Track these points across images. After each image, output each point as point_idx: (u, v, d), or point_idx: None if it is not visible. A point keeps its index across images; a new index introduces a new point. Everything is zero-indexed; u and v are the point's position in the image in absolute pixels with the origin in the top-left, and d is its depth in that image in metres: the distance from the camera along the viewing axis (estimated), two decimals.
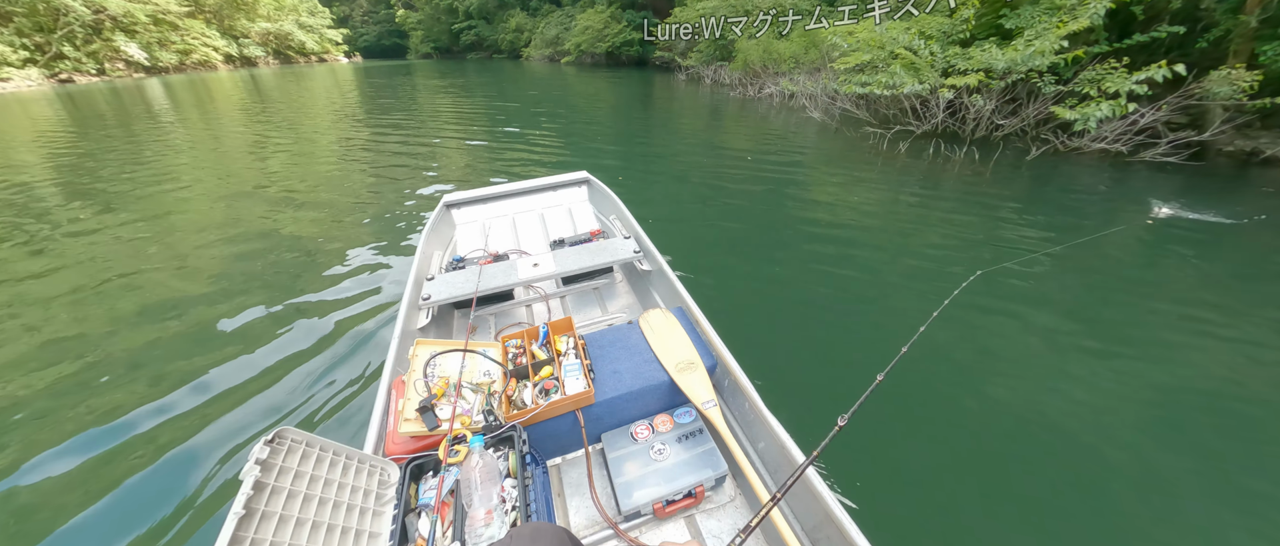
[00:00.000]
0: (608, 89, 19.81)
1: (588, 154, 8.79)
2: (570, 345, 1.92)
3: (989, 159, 7.63)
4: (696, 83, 20.58)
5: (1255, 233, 4.85)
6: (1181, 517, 2.18)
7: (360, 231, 5.14)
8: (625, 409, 1.91)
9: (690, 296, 2.28)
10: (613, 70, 28.30)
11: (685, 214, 5.93)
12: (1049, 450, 2.54)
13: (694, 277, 4.16)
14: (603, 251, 2.63)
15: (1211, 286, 3.98)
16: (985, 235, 5.06)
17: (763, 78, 15.51)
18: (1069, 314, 3.64)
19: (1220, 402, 2.80)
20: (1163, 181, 6.76)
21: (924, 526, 2.14)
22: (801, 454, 1.60)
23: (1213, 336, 3.37)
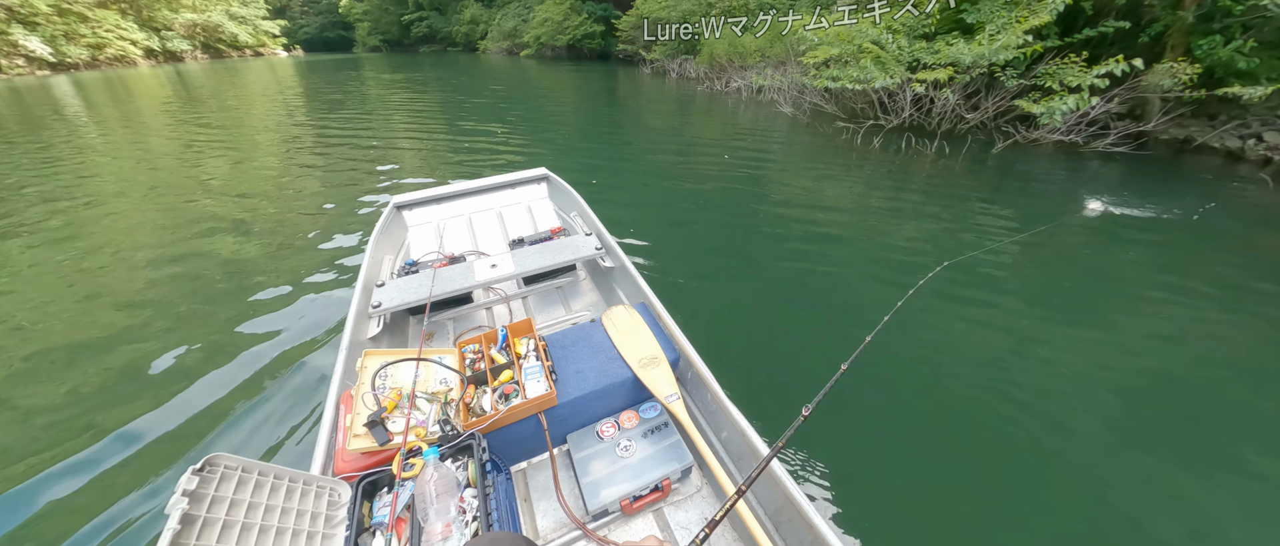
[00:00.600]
0: (572, 83, 19.46)
1: (555, 150, 8.63)
2: (531, 347, 1.89)
3: (958, 152, 7.99)
4: (662, 76, 20.46)
5: (1180, 225, 5.30)
6: (1127, 476, 2.40)
7: (309, 239, 4.87)
8: (590, 408, 1.90)
9: (652, 292, 2.29)
10: (575, 63, 27.85)
11: (655, 208, 5.94)
12: (1009, 430, 2.71)
13: (662, 271, 4.19)
14: (564, 249, 2.60)
15: (1146, 273, 4.36)
16: (954, 226, 5.32)
17: (729, 71, 15.56)
18: (1029, 300, 3.91)
19: (1157, 374, 3.11)
20: (1111, 170, 7.34)
21: (886, 511, 2.25)
22: (763, 443, 1.64)
23: (1154, 317, 3.71)
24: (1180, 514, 2.24)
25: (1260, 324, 3.65)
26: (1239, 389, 3.01)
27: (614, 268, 2.63)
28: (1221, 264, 4.50)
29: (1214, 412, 2.83)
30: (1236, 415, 2.81)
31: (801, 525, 1.47)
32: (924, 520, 2.23)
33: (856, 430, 2.67)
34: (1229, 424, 2.75)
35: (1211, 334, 3.52)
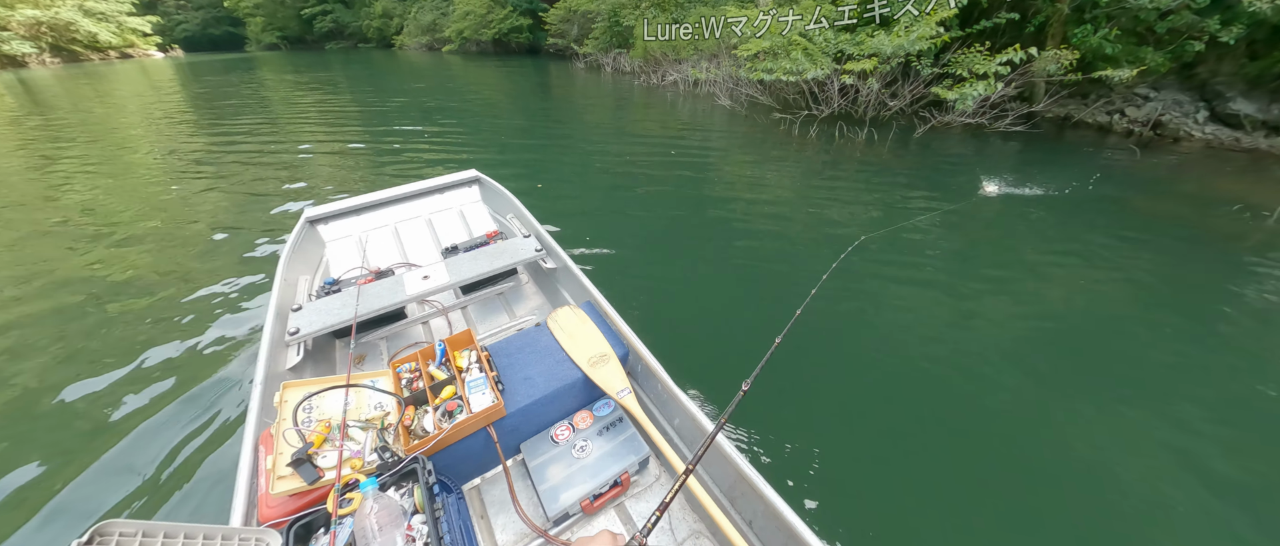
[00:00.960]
0: (502, 79, 18.68)
1: (491, 151, 8.26)
2: (472, 359, 1.82)
3: (885, 137, 8.60)
4: (596, 71, 20.16)
5: (1069, 197, 6.04)
6: (1035, 413, 2.79)
7: (209, 265, 4.36)
8: (542, 413, 1.87)
9: (597, 289, 2.28)
10: (503, 59, 26.74)
11: (602, 204, 5.91)
12: (933, 378, 3.04)
13: (612, 266, 4.20)
14: (502, 254, 2.52)
15: (1043, 240, 4.94)
16: (882, 204, 5.77)
17: (664, 65, 15.59)
18: (946, 266, 4.34)
19: (1055, 322, 3.60)
20: (1010, 146, 8.26)
21: (829, 469, 2.42)
22: (711, 423, 1.70)
23: (1050, 276, 4.25)
24: (1077, 436, 2.63)
25: (1138, 273, 4.32)
26: (1120, 328, 3.57)
27: (556, 268, 2.59)
28: (1103, 228, 5.21)
29: (1103, 351, 3.34)
30: (1121, 352, 3.33)
31: (753, 496, 1.55)
32: (863, 470, 2.45)
33: (799, 397, 2.85)
34: (1114, 359, 3.25)
35: (1096, 287, 4.10)
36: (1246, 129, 7.77)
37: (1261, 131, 7.66)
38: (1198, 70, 8.17)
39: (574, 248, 4.49)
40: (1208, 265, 4.48)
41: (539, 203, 5.48)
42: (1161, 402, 2.87)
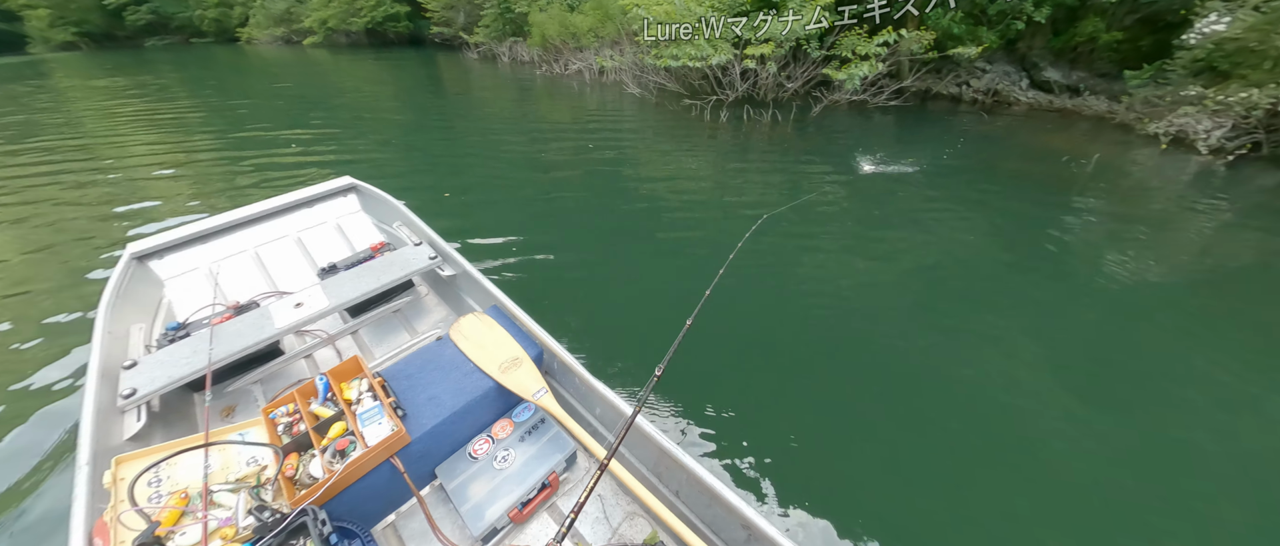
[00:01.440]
0: (385, 74, 16.74)
1: (383, 155, 7.39)
2: (363, 388, 1.65)
3: (788, 119, 9.09)
4: (491, 61, 18.83)
5: (936, 163, 6.86)
6: (919, 342, 3.25)
7: (8, 324, 3.48)
8: (454, 431, 1.76)
9: (501, 292, 2.18)
10: (381, 51, 23.83)
11: (515, 202, 5.62)
12: (835, 325, 3.42)
13: (528, 266, 4.06)
14: (391, 267, 2.30)
15: (917, 203, 5.59)
16: (787, 182, 6.14)
17: (565, 53, 15.00)
18: (840, 232, 4.80)
19: (931, 270, 4.16)
20: (888, 119, 9.18)
21: (748, 424, 2.59)
22: (629, 407, 1.72)
23: (926, 230, 4.87)
24: (955, 360, 3.11)
25: (994, 221, 5.12)
26: (982, 270, 4.26)
27: (456, 275, 2.43)
28: (966, 185, 6.06)
29: (969, 287, 3.96)
30: (983, 289, 3.97)
31: (677, 468, 1.60)
32: (777, 416, 2.68)
33: (717, 367, 3.03)
34: (978, 295, 3.88)
35: (962, 236, 4.81)
36: (1056, 92, 9.55)
37: (1066, 94, 9.46)
38: (1019, 45, 9.83)
39: (489, 251, 4.27)
40: (1046, 207, 5.45)
41: (447, 211, 5.10)
42: (1013, 323, 3.50)
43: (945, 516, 2.25)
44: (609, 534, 1.73)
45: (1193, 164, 6.82)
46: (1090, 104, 9.12)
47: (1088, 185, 6.05)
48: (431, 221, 2.77)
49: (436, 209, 5.10)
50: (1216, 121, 7.05)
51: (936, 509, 2.29)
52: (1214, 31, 6.96)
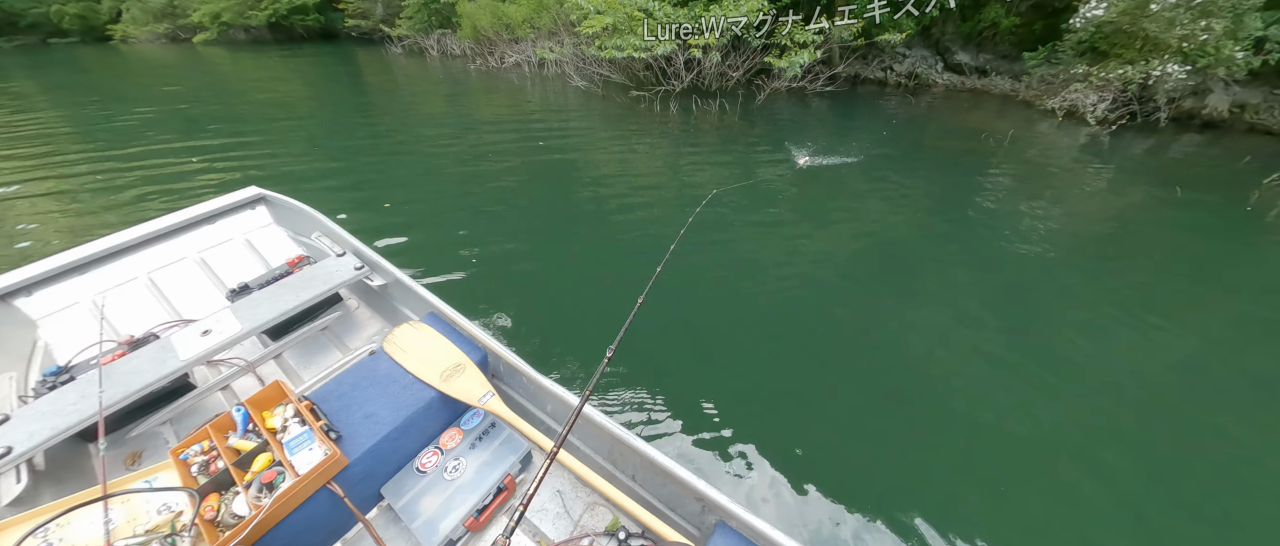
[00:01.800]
0: (295, 73, 15.09)
1: (302, 165, 6.68)
2: (288, 414, 1.54)
3: (734, 107, 9.25)
4: (418, 56, 17.55)
5: (865, 163, 7.13)
6: (857, 305, 3.56)
7: None
8: (397, 448, 1.69)
9: (438, 298, 2.10)
10: (289, 47, 21.42)
11: (459, 206, 5.35)
12: (779, 296, 3.60)
13: (472, 269, 3.94)
14: (313, 281, 2.14)
15: (857, 182, 5.92)
16: (737, 166, 6.29)
17: (499, 46, 14.21)
18: (782, 213, 4.99)
19: (870, 240, 4.49)
20: (824, 104, 9.59)
21: (700, 403, 2.68)
22: (578, 399, 1.73)
23: (863, 205, 5.22)
24: (891, 320, 3.40)
25: (923, 195, 5.54)
26: (916, 241, 4.61)
27: (387, 284, 2.31)
28: (898, 164, 6.46)
29: (903, 259, 4.28)
30: (914, 258, 4.30)
31: (629, 453, 1.64)
32: (727, 385, 2.82)
33: (666, 347, 3.12)
34: (910, 264, 4.20)
35: (896, 209, 5.17)
36: (966, 74, 10.47)
37: (975, 75, 10.41)
38: (933, 31, 10.59)
39: (433, 257, 4.08)
40: (969, 180, 6.00)
41: (388, 220, 4.78)
42: (938, 286, 3.86)
43: (885, 460, 2.46)
44: (571, 526, 1.74)
45: (1083, 133, 7.77)
46: (997, 84, 10.12)
47: (1001, 158, 6.71)
48: (368, 232, 2.61)
49: (377, 220, 4.78)
50: (1100, 96, 8.05)
51: (877, 454, 2.50)
52: (1095, 16, 7.90)
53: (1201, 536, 2.16)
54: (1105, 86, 8.00)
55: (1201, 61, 7.25)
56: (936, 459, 2.51)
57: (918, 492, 2.32)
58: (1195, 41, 7.13)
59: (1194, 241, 4.64)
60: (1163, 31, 7.25)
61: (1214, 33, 6.85)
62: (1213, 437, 2.61)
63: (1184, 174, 6.20)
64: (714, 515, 1.50)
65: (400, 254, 4.07)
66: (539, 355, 2.95)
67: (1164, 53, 7.45)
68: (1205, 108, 8.04)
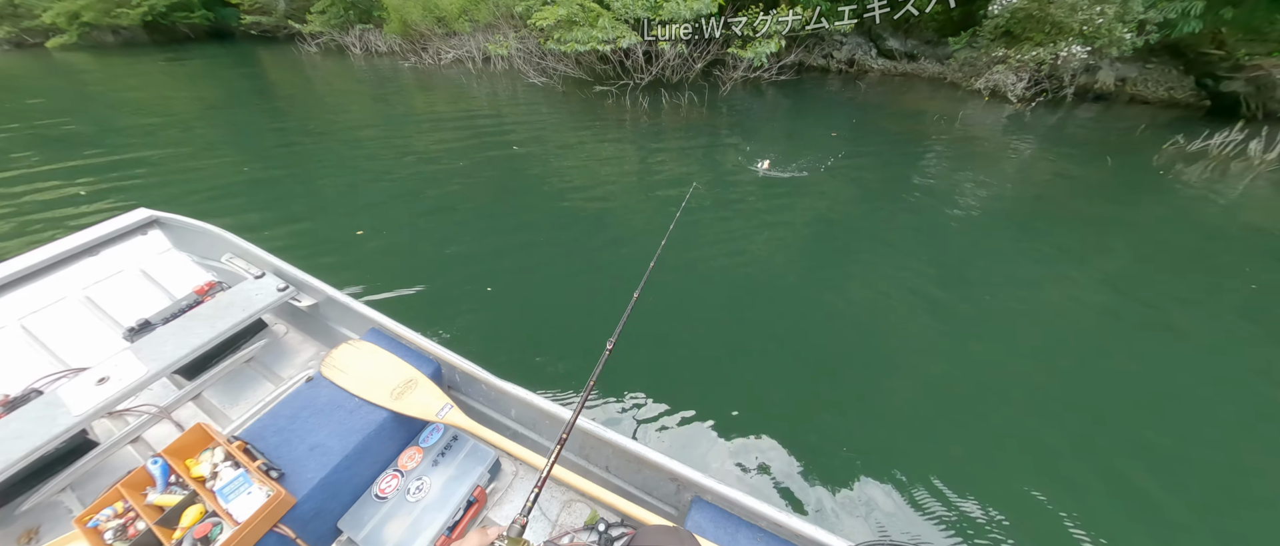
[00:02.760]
0: (185, 79, 12.72)
1: (204, 179, 5.80)
2: (217, 459, 1.40)
3: (703, 99, 9.21)
4: (339, 54, 15.48)
5: (822, 176, 7.21)
6: (805, 283, 3.79)
7: None
8: (351, 477, 1.59)
9: (378, 313, 1.97)
10: (172, 50, 17.47)
11: (415, 218, 4.87)
12: (742, 277, 3.75)
13: (423, 282, 3.74)
14: (229, 309, 1.94)
15: (819, 176, 6.02)
16: (710, 160, 6.31)
17: (434, 41, 12.96)
18: (754, 200, 5.09)
19: (820, 223, 4.73)
20: (777, 91, 9.89)
21: (664, 395, 2.72)
22: (544, 399, 1.70)
23: (816, 191, 5.41)
24: (840, 290, 3.66)
25: (872, 176, 5.87)
26: (863, 215, 4.95)
27: (318, 303, 2.13)
28: (853, 150, 6.74)
29: (853, 232, 4.60)
30: (862, 231, 4.62)
31: (602, 445, 1.65)
32: (688, 368, 2.90)
33: (666, 340, 3.17)
34: (859, 236, 4.53)
35: (842, 189, 5.45)
36: (897, 58, 11.25)
37: (905, 60, 11.22)
38: (865, 18, 11.17)
39: (391, 275, 3.76)
40: (911, 158, 6.45)
41: (356, 250, 4.27)
42: (887, 259, 4.16)
43: (848, 421, 2.63)
44: (549, 528, 1.72)
45: (1007, 111, 8.75)
46: (925, 67, 11.00)
47: (937, 136, 7.29)
48: (297, 250, 2.37)
49: (309, 236, 4.33)
50: (1018, 76, 9.08)
51: (832, 411, 2.68)
52: (1010, 3, 8.88)
53: (1106, 441, 2.53)
54: (1022, 68, 9.00)
55: (1098, 42, 8.38)
56: (888, 407, 2.73)
57: (873, 440, 2.51)
58: (1093, 25, 8.26)
59: (1103, 200, 5.37)
60: (1066, 16, 8.29)
61: (1107, 16, 7.93)
62: (1114, 366, 3.04)
63: (1095, 141, 7.16)
64: (689, 492, 1.54)
65: (342, 270, 3.74)
66: (518, 362, 2.87)
67: (1068, 35, 8.54)
68: (1096, 83, 9.34)
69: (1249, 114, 8.51)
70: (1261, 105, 8.51)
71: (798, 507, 2.19)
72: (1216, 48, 8.60)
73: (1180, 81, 9.27)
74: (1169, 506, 2.23)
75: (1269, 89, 8.23)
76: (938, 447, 2.50)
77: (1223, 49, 8.57)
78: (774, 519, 1.37)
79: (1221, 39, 8.51)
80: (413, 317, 2.05)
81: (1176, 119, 8.66)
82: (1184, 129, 7.65)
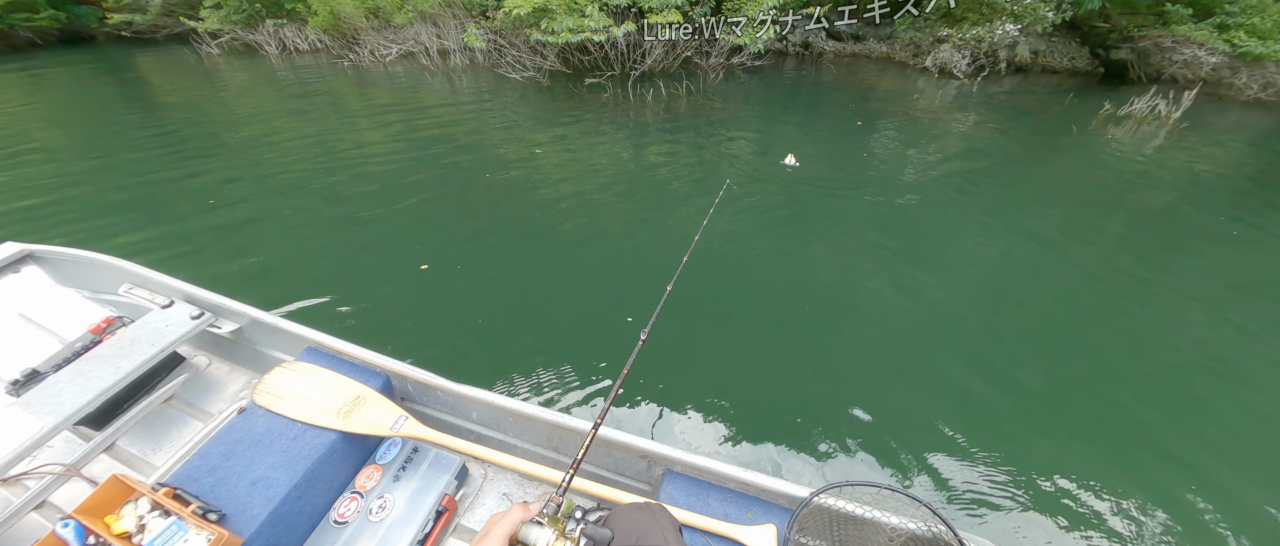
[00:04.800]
0: (38, 96, 9.81)
1: (83, 210, 4.75)
2: (143, 510, 1.29)
3: (699, 88, 9.06)
4: (247, 55, 13.05)
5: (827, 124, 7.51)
6: (790, 262, 3.90)
7: None
8: (303, 507, 1.52)
9: (314, 330, 1.85)
10: (15, 59, 13.44)
11: (396, 239, 4.18)
12: (719, 268, 3.75)
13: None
14: (135, 345, 1.77)
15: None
16: (722, 152, 6.24)
17: (373, 36, 11.55)
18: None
19: (799, 192, 4.88)
20: (748, 76, 10.02)
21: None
22: (507, 399, 1.68)
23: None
24: (804, 260, 3.85)
25: (837, 152, 6.14)
26: (825, 190, 5.12)
27: (242, 327, 1.98)
28: (827, 133, 6.96)
29: (818, 204, 4.79)
30: (825, 203, 4.83)
31: (569, 434, 1.66)
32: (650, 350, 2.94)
33: (595, 322, 3.12)
34: (821, 207, 4.71)
35: (814, 163, 5.67)
36: (845, 40, 11.84)
37: (852, 41, 11.83)
38: (813, 2, 11.43)
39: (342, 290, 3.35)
40: (874, 134, 6.83)
41: (260, 256, 3.79)
42: (847, 226, 4.41)
43: (800, 380, 2.78)
44: None
45: (955, 86, 9.54)
46: (874, 48, 11.63)
47: (893, 112, 7.79)
48: (225, 279, 2.11)
49: (232, 253, 3.79)
50: (962, 54, 10.09)
51: (795, 372, 2.82)
52: None
53: (1035, 384, 2.84)
54: (965, 46, 10.06)
55: (1025, 20, 9.65)
56: (847, 361, 2.92)
57: (826, 395, 2.68)
58: (1022, 3, 9.52)
59: (1040, 163, 6.03)
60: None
61: None
62: (1048, 312, 3.44)
63: (1032, 110, 8.04)
64: (660, 466, 1.58)
65: (295, 292, 3.30)
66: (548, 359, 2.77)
67: (1001, 14, 9.76)
68: (1016, 57, 10.57)
69: (1135, 76, 10.10)
70: (1142, 69, 10.11)
71: (761, 466, 2.31)
72: (1104, 22, 9.90)
73: (1078, 52, 10.92)
74: (1047, 393, 2.76)
75: (1145, 55, 9.91)
76: (882, 393, 2.71)
77: (1109, 23, 9.90)
78: (741, 478, 1.44)
79: (1108, 13, 9.91)
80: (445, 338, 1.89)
81: (1080, 84, 10.07)
82: (1087, 91, 9.04)
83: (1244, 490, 2.27)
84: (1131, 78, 10.23)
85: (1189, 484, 2.29)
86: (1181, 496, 2.24)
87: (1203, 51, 9.24)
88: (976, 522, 2.12)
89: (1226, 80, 9.52)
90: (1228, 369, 2.97)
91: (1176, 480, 2.31)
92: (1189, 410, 2.71)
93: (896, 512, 1.33)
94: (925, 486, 2.24)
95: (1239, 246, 4.38)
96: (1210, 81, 9.47)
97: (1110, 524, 2.12)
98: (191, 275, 2.05)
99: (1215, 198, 5.33)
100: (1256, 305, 3.52)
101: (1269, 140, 7.34)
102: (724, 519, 1.41)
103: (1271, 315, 3.41)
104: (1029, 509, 2.16)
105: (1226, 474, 2.34)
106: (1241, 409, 2.71)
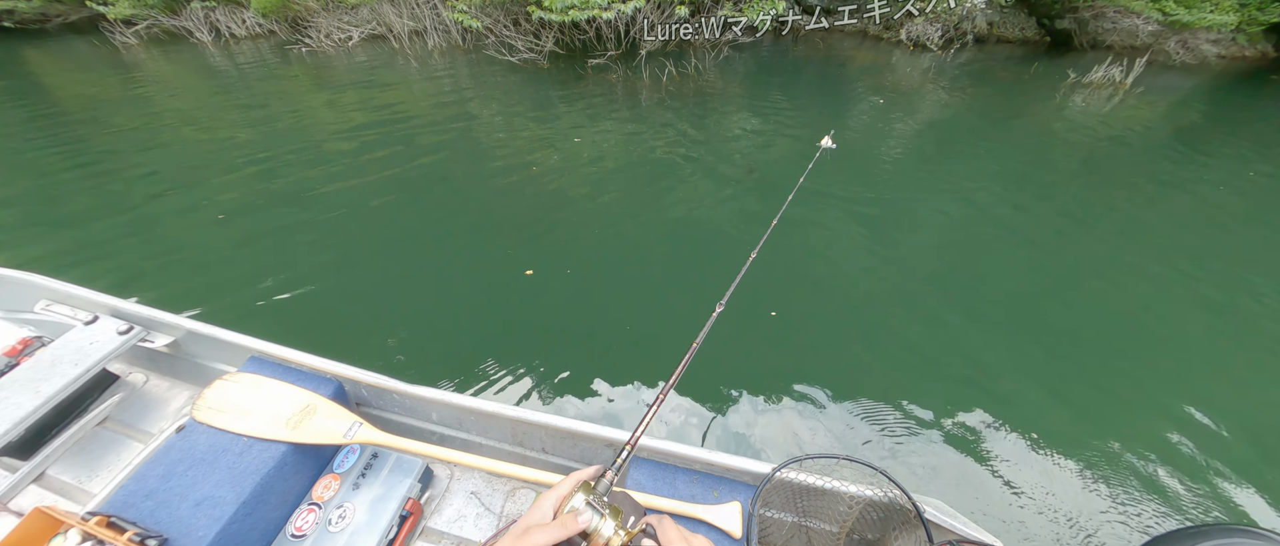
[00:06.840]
0: None
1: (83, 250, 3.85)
2: (72, 542, 1.21)
3: (705, 65, 8.98)
4: (172, 43, 11.59)
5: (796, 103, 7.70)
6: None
7: None
8: (256, 523, 1.46)
9: (256, 339, 1.76)
10: None
11: (402, 236, 4.00)
12: (699, 246, 3.80)
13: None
14: (57, 366, 1.64)
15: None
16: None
17: (327, 19, 10.64)
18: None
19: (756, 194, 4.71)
20: (744, 57, 9.95)
21: (586, 367, 2.74)
22: (470, 399, 1.65)
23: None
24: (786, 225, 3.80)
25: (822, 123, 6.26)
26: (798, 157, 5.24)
27: (177, 340, 1.86)
28: (819, 106, 7.03)
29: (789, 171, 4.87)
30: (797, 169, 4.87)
31: (532, 428, 1.64)
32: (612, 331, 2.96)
33: (565, 312, 3.09)
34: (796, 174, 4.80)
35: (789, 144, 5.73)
36: (817, 17, 11.98)
37: (825, 16, 11.98)
38: None
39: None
40: (855, 104, 7.04)
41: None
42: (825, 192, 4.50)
43: (762, 353, 2.84)
44: (495, 520, 1.71)
45: (929, 57, 10.06)
46: (848, 24, 11.83)
47: (870, 84, 8.08)
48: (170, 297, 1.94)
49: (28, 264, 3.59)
50: (935, 27, 10.62)
51: (756, 354, 2.87)
52: None
53: (977, 331, 3.05)
54: (936, 20, 10.60)
55: None
56: (819, 322, 3.06)
57: (786, 367, 2.75)
58: None
59: (1009, 130, 6.39)
60: None
61: None
62: (1003, 268, 3.69)
63: (1006, 80, 8.49)
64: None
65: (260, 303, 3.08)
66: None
67: None
68: (975, 27, 11.26)
69: (1078, 44, 10.83)
70: (1085, 37, 10.86)
71: (724, 445, 2.35)
72: None
73: (1027, 22, 11.72)
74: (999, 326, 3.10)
75: (1084, 25, 10.65)
76: (847, 357, 2.81)
77: None
78: (706, 460, 1.46)
79: None
80: None
81: (1030, 52, 10.76)
82: (1047, 60, 9.71)
83: (1168, 403, 2.58)
84: (1075, 46, 10.93)
85: (1126, 416, 2.53)
86: (1119, 428, 2.46)
87: (1140, 20, 9.88)
88: (928, 481, 2.22)
89: (1159, 46, 10.32)
90: (1154, 308, 3.30)
91: (1120, 416, 2.54)
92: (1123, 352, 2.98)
93: (855, 481, 1.37)
94: (881, 452, 2.34)
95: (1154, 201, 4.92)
96: (1141, 48, 10.26)
97: (1054, 461, 2.31)
98: (121, 288, 1.91)
99: (1151, 153, 5.94)
100: (1157, 247, 3.97)
101: (1192, 100, 8.37)
102: (690, 500, 1.43)
103: (1168, 253, 3.86)
104: (978, 463, 2.29)
105: (1149, 401, 2.63)
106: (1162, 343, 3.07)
